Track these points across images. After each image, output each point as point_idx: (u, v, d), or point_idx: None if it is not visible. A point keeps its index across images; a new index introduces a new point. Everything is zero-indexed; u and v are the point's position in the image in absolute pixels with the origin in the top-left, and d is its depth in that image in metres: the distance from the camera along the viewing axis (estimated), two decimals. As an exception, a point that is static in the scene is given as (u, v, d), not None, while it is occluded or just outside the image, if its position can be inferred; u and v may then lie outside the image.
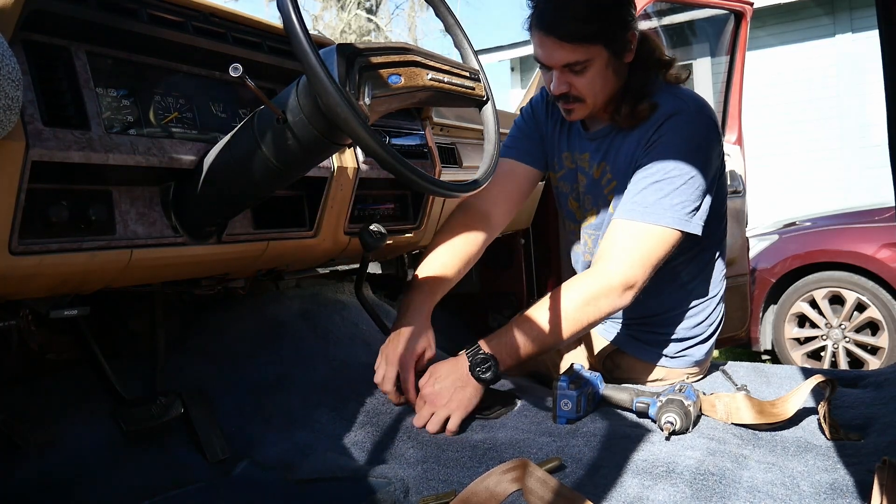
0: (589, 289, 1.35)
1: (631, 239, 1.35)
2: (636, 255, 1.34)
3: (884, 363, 3.57)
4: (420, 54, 1.08)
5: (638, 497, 0.98)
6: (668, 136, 1.36)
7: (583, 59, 1.33)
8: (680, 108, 1.38)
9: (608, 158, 1.48)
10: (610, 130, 1.48)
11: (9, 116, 0.76)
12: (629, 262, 1.33)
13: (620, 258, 1.34)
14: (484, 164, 1.20)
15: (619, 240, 1.36)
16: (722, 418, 1.27)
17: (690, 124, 1.37)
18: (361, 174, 1.43)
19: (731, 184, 2.72)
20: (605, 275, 1.34)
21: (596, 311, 1.34)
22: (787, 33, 7.31)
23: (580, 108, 1.42)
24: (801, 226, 4.25)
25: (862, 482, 0.98)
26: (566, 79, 1.36)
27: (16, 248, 0.88)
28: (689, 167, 1.34)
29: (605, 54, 1.34)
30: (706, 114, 1.41)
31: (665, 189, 1.34)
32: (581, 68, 1.34)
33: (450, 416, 1.27)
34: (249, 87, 0.92)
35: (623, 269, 1.33)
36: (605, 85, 1.38)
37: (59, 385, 1.33)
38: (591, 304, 1.33)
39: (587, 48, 1.32)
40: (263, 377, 1.49)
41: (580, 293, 1.35)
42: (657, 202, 1.34)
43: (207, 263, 1.22)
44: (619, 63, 1.38)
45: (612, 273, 1.33)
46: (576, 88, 1.37)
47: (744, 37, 2.81)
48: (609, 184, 1.48)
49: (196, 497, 1.14)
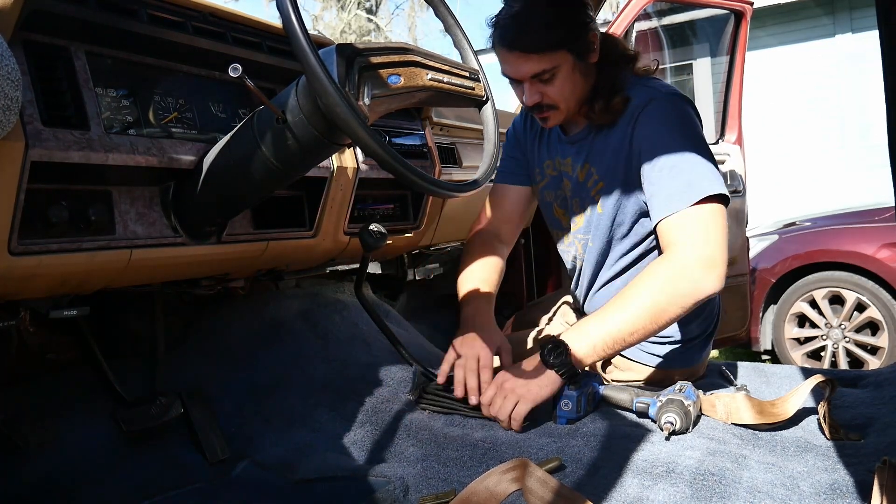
0: (663, 269, 1.28)
1: (687, 226, 1.30)
2: (701, 234, 1.28)
3: (884, 363, 3.57)
4: (420, 54, 1.08)
5: (638, 497, 0.98)
6: (650, 125, 1.37)
7: (549, 67, 1.35)
8: (651, 96, 1.39)
9: (591, 160, 1.48)
10: (589, 131, 1.48)
11: (8, 116, 0.76)
12: (699, 241, 1.28)
13: (687, 243, 1.28)
14: (484, 164, 1.20)
15: (675, 234, 1.30)
16: (722, 418, 1.27)
17: (666, 106, 1.38)
18: (361, 174, 1.43)
19: (731, 184, 2.72)
20: (675, 255, 1.28)
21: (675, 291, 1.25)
22: (787, 33, 7.31)
23: (555, 115, 1.44)
24: (801, 226, 4.24)
25: (862, 482, 0.98)
26: (536, 89, 1.39)
27: (15, 249, 0.88)
28: (686, 141, 1.34)
29: (569, 59, 1.36)
30: (679, 96, 1.42)
31: (682, 168, 1.32)
32: (549, 76, 1.37)
33: (518, 404, 1.25)
34: (249, 87, 0.92)
35: (693, 246, 1.27)
36: (574, 88, 1.40)
37: (59, 385, 1.33)
38: (669, 284, 1.26)
39: (552, 56, 1.34)
40: (263, 377, 1.49)
41: (654, 276, 1.28)
42: (685, 183, 1.31)
43: (207, 263, 1.22)
44: (585, 65, 1.40)
45: (684, 252, 1.27)
46: (548, 97, 1.39)
47: (744, 37, 2.81)
48: (596, 185, 1.48)
49: (196, 497, 1.14)
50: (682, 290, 1.25)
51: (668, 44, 3.66)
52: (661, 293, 1.25)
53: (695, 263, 1.26)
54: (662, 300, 1.25)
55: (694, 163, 1.31)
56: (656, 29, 3.30)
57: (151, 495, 1.12)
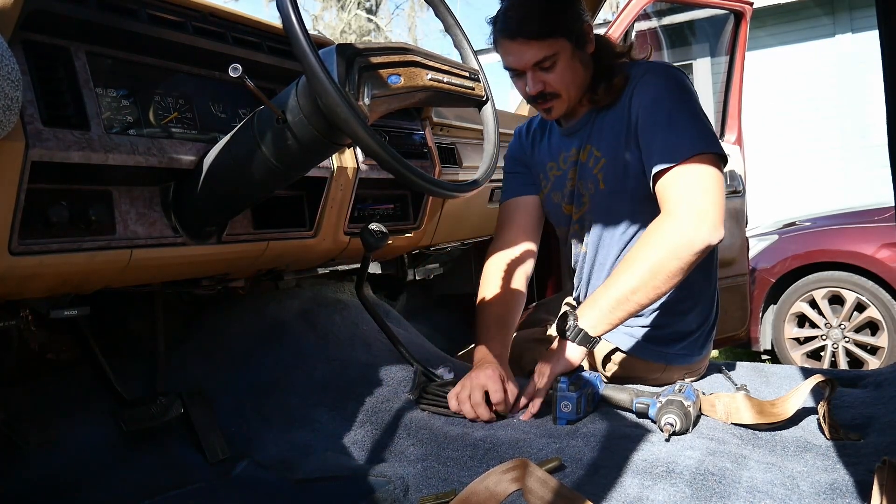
0: (658, 226, 1.32)
1: (681, 181, 1.33)
2: (696, 188, 1.31)
3: (883, 363, 3.56)
4: (420, 54, 1.08)
5: (638, 497, 0.98)
6: (647, 91, 1.42)
7: (550, 54, 1.41)
8: (648, 68, 1.47)
9: (592, 140, 1.52)
10: (588, 119, 1.54)
11: (8, 117, 0.76)
12: (693, 195, 1.31)
13: (682, 198, 1.31)
14: (484, 164, 1.20)
15: (670, 191, 1.34)
16: (722, 418, 1.27)
17: (662, 74, 1.44)
18: (361, 174, 1.43)
19: (731, 184, 2.72)
20: (669, 211, 1.32)
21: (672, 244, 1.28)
22: (787, 33, 7.31)
23: (558, 104, 1.49)
24: (801, 226, 4.24)
25: (862, 482, 0.98)
26: (539, 78, 1.44)
27: (16, 249, 0.88)
28: (681, 103, 1.39)
29: (568, 46, 1.43)
30: (674, 67, 1.47)
31: (677, 126, 1.36)
32: (550, 64, 1.43)
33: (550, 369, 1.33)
34: (249, 87, 0.92)
35: (687, 200, 1.30)
36: (574, 76, 1.46)
37: (59, 385, 1.33)
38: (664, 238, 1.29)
39: (552, 43, 1.41)
40: (263, 377, 1.50)
41: (650, 234, 1.32)
42: (679, 139, 1.34)
43: (207, 263, 1.22)
44: (584, 54, 1.47)
45: (678, 206, 1.31)
46: (550, 85, 1.45)
47: (744, 37, 2.81)
48: (598, 162, 1.51)
49: (196, 497, 1.14)
50: (678, 242, 1.28)
51: (668, 44, 3.66)
52: (659, 248, 1.29)
53: (688, 216, 1.29)
54: (661, 254, 1.28)
55: (688, 122, 1.37)
56: (656, 29, 3.30)
57: (151, 495, 1.12)
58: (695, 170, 1.33)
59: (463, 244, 2.21)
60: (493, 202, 2.07)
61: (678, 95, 1.40)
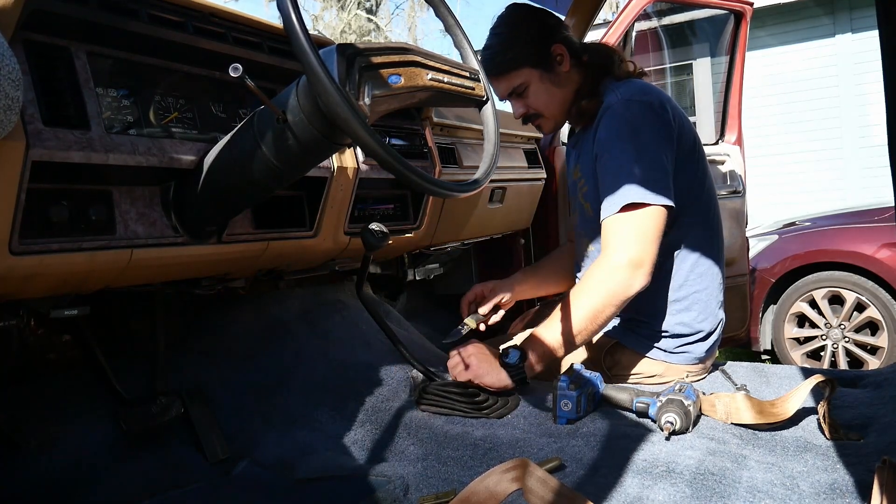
0: (596, 273, 1.41)
1: (617, 227, 1.41)
2: (629, 234, 1.40)
3: (883, 363, 3.56)
4: (420, 54, 1.08)
5: (638, 497, 0.98)
6: (603, 130, 1.48)
7: (518, 84, 1.56)
8: (609, 103, 1.50)
9: (580, 159, 1.61)
10: (581, 133, 1.61)
11: (9, 116, 0.76)
12: (625, 242, 1.39)
13: (615, 242, 1.41)
14: (484, 164, 1.20)
15: (608, 234, 1.43)
16: (722, 418, 1.27)
17: (620, 112, 1.47)
18: (361, 174, 1.43)
19: (731, 184, 2.72)
20: (607, 258, 1.41)
21: (607, 292, 1.38)
22: (787, 33, 7.31)
23: (544, 122, 1.63)
24: (801, 226, 4.24)
25: (862, 482, 0.98)
26: (518, 103, 1.59)
27: (16, 248, 0.88)
28: (629, 148, 1.43)
29: (535, 73, 1.55)
30: (636, 100, 1.48)
31: (620, 174, 1.42)
32: (522, 90, 1.57)
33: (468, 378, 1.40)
34: (249, 87, 0.92)
35: (622, 248, 1.39)
36: (550, 97, 1.57)
37: (59, 385, 1.33)
38: (601, 285, 1.39)
39: (516, 74, 1.55)
40: (263, 377, 1.50)
41: (589, 280, 1.41)
42: (621, 189, 1.41)
43: (208, 263, 1.22)
44: (555, 74, 1.56)
45: (614, 255, 1.40)
46: (530, 107, 1.59)
47: (744, 37, 2.81)
48: (582, 187, 1.60)
49: (196, 497, 1.14)
50: (613, 290, 1.39)
51: (667, 44, 3.66)
52: (597, 295, 1.39)
53: (623, 264, 1.38)
54: (598, 302, 1.39)
55: (632, 170, 1.42)
56: (656, 29, 3.31)
57: (151, 495, 1.12)
58: (633, 218, 1.40)
59: (463, 244, 2.21)
60: (494, 202, 2.07)
61: (629, 138, 1.44)
